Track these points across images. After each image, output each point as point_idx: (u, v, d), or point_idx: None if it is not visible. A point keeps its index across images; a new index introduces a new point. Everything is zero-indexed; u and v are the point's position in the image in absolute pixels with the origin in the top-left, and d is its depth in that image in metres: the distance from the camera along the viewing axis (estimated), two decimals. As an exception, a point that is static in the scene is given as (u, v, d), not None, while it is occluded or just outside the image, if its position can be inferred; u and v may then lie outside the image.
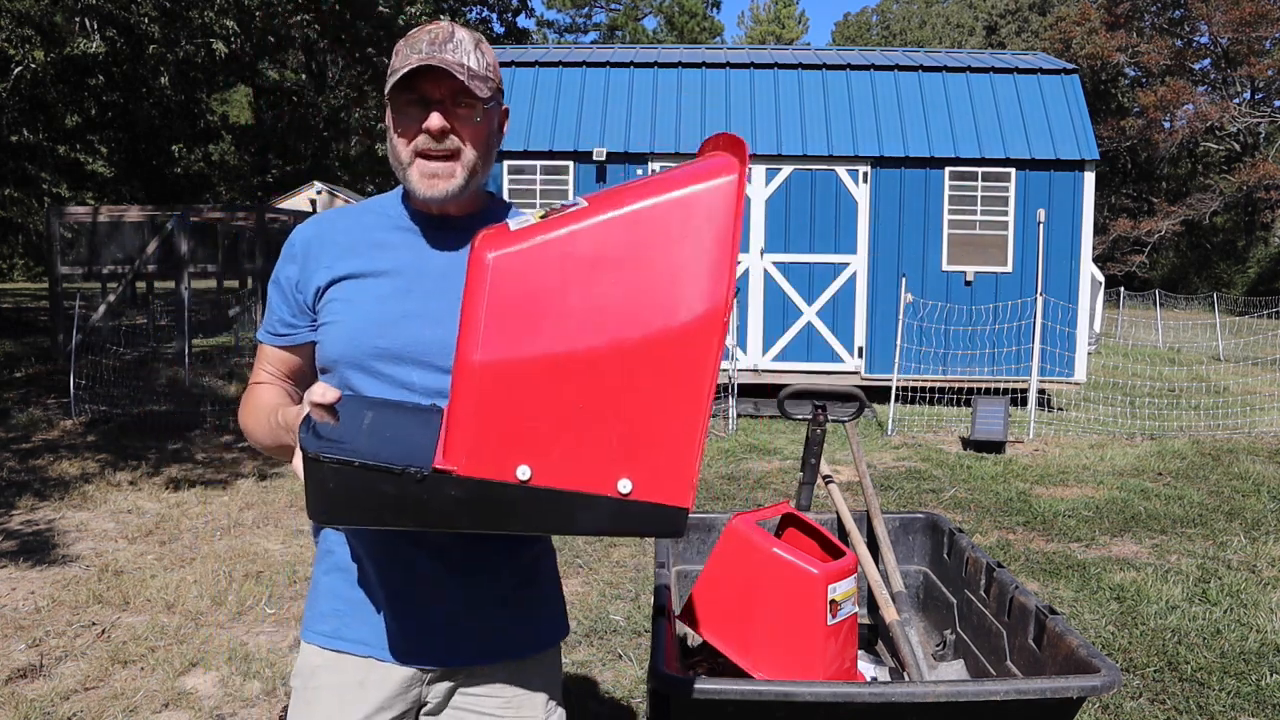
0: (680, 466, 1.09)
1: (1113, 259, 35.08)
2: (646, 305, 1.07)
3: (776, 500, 5.40)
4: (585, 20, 52.41)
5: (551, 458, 1.09)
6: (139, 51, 13.84)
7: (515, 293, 1.09)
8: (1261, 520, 6.11)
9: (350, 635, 1.52)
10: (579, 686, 3.69)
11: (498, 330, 1.08)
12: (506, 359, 1.08)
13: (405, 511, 1.11)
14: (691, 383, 1.07)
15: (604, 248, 1.09)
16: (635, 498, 1.09)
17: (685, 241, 1.08)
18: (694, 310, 1.07)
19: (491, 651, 1.54)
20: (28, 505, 6.23)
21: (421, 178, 1.44)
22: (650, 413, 1.07)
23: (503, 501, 1.10)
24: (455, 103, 1.42)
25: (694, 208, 1.08)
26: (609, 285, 1.08)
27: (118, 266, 13.96)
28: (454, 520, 1.12)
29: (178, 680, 3.71)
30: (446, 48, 1.40)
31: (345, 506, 1.12)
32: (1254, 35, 32.88)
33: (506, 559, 1.54)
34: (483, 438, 1.09)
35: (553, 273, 1.09)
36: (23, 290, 31.54)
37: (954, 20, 56.89)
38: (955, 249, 10.56)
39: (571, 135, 10.66)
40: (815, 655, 1.76)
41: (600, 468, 1.09)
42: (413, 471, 1.09)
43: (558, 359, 1.07)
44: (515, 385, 1.08)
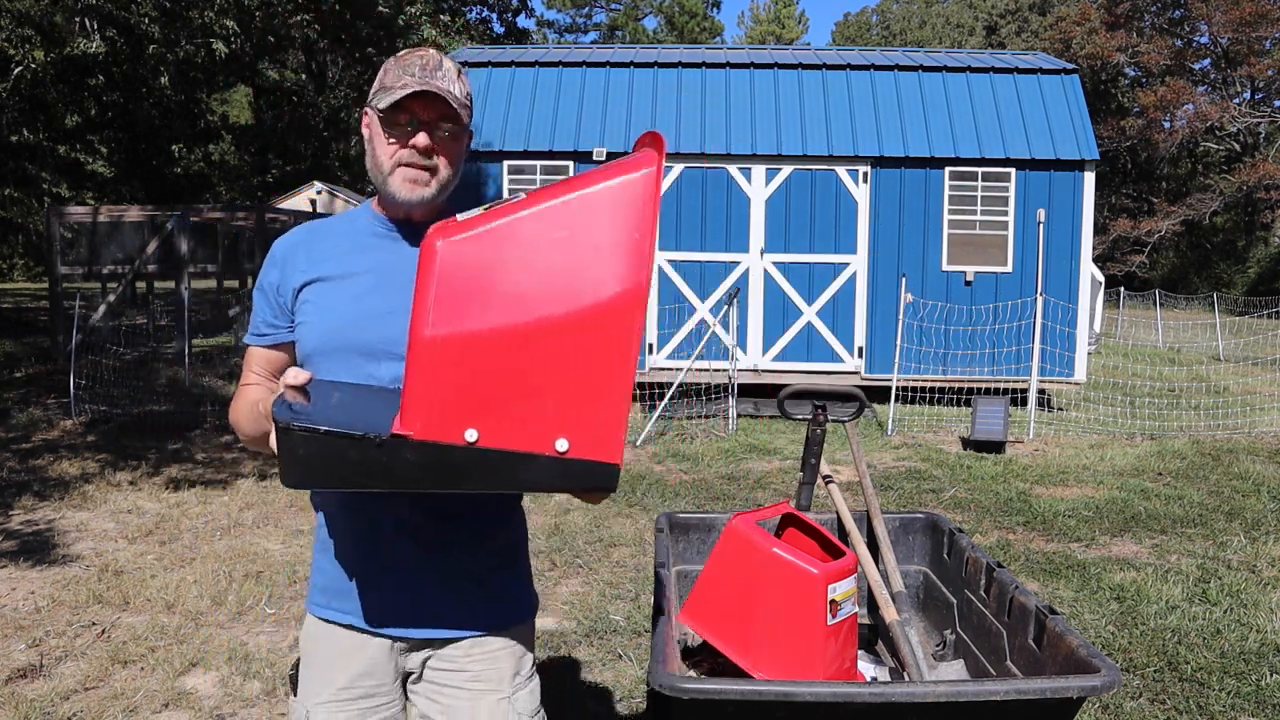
0: (610, 427, 1.22)
1: (1113, 259, 35.08)
2: (576, 284, 1.21)
3: (776, 500, 5.40)
4: (585, 20, 52.42)
5: (496, 421, 1.22)
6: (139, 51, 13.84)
7: (461, 275, 1.22)
8: (1261, 520, 6.11)
9: (336, 606, 1.69)
10: (579, 686, 3.69)
11: (446, 309, 1.21)
12: (453, 333, 1.21)
13: (369, 475, 1.23)
14: (617, 353, 1.20)
15: (538, 234, 1.23)
16: (572, 455, 1.22)
17: (608, 227, 1.21)
18: (616, 288, 1.19)
19: (459, 625, 1.68)
20: (28, 505, 6.23)
21: (404, 182, 1.62)
22: (582, 380, 1.20)
23: (455, 462, 1.23)
24: (439, 126, 1.60)
25: (616, 197, 1.22)
26: (543, 267, 1.21)
27: (118, 266, 13.96)
28: (414, 481, 1.24)
29: (178, 680, 3.71)
30: (437, 75, 1.59)
31: (314, 471, 1.24)
32: (1254, 35, 32.88)
33: (476, 537, 1.68)
34: (434, 405, 1.21)
35: (493, 256, 1.23)
36: (23, 290, 31.54)
37: (954, 20, 56.89)
38: (955, 249, 10.56)
39: (571, 135, 10.66)
40: (815, 655, 1.76)
41: (540, 429, 1.22)
42: (372, 437, 1.21)
43: (499, 333, 1.21)
44: (462, 357, 1.21)
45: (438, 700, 1.71)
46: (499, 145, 10.65)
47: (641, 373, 10.42)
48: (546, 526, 5.79)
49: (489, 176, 10.69)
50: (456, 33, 17.30)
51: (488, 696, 1.70)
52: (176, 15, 12.19)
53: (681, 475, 7.22)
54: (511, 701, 1.73)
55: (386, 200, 1.66)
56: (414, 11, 14.69)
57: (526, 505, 6.52)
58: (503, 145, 10.65)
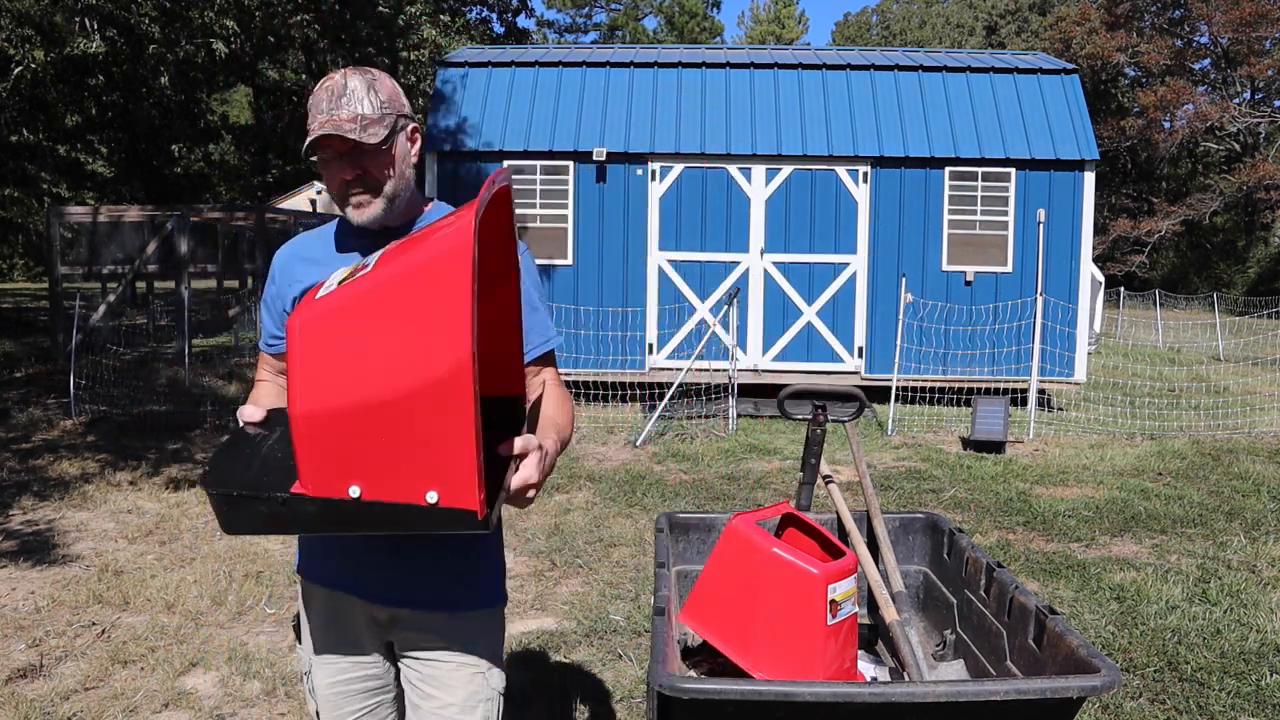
0: (465, 479, 1.33)
1: (1113, 259, 35.07)
2: (409, 357, 1.32)
3: (776, 500, 5.40)
4: (585, 20, 52.41)
5: (373, 478, 1.35)
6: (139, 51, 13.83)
7: (314, 353, 1.36)
8: (1261, 520, 6.11)
9: (315, 572, 1.88)
10: (579, 686, 3.69)
11: (309, 386, 1.35)
12: (317, 410, 1.35)
13: (284, 523, 1.42)
14: (458, 417, 1.30)
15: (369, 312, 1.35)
16: (443, 504, 1.34)
17: (428, 304, 1.32)
18: (445, 361, 1.30)
19: (430, 600, 1.80)
20: (28, 505, 6.23)
21: (352, 210, 1.75)
22: (435, 440, 1.32)
23: (346, 513, 1.37)
24: (359, 151, 1.70)
25: (434, 273, 1.32)
26: (380, 341, 1.33)
27: (118, 266, 13.96)
28: (318, 527, 1.42)
29: (178, 680, 3.71)
30: (340, 103, 1.68)
31: (241, 522, 1.45)
32: (1254, 35, 32.87)
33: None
34: (318, 468, 1.36)
35: (337, 334, 1.36)
36: (23, 290, 31.54)
37: (954, 20, 56.89)
38: (955, 249, 10.56)
39: (571, 135, 10.66)
40: (815, 655, 1.76)
41: (411, 484, 1.35)
42: (276, 497, 1.39)
43: (355, 406, 1.33)
44: (330, 427, 1.34)
45: (417, 670, 1.85)
46: (499, 145, 10.65)
47: (641, 373, 10.42)
48: (546, 526, 5.79)
49: (489, 177, 10.67)
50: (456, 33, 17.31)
51: (465, 669, 1.83)
52: (176, 15, 12.18)
53: (681, 475, 7.22)
54: (486, 677, 1.85)
55: (346, 217, 1.79)
56: (414, 11, 14.69)
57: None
58: (503, 145, 10.65)
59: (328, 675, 1.89)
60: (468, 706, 1.82)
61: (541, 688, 3.68)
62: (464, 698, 1.82)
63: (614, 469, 7.41)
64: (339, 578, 1.84)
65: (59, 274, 13.83)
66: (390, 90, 1.74)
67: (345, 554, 1.82)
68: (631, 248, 10.60)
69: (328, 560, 1.86)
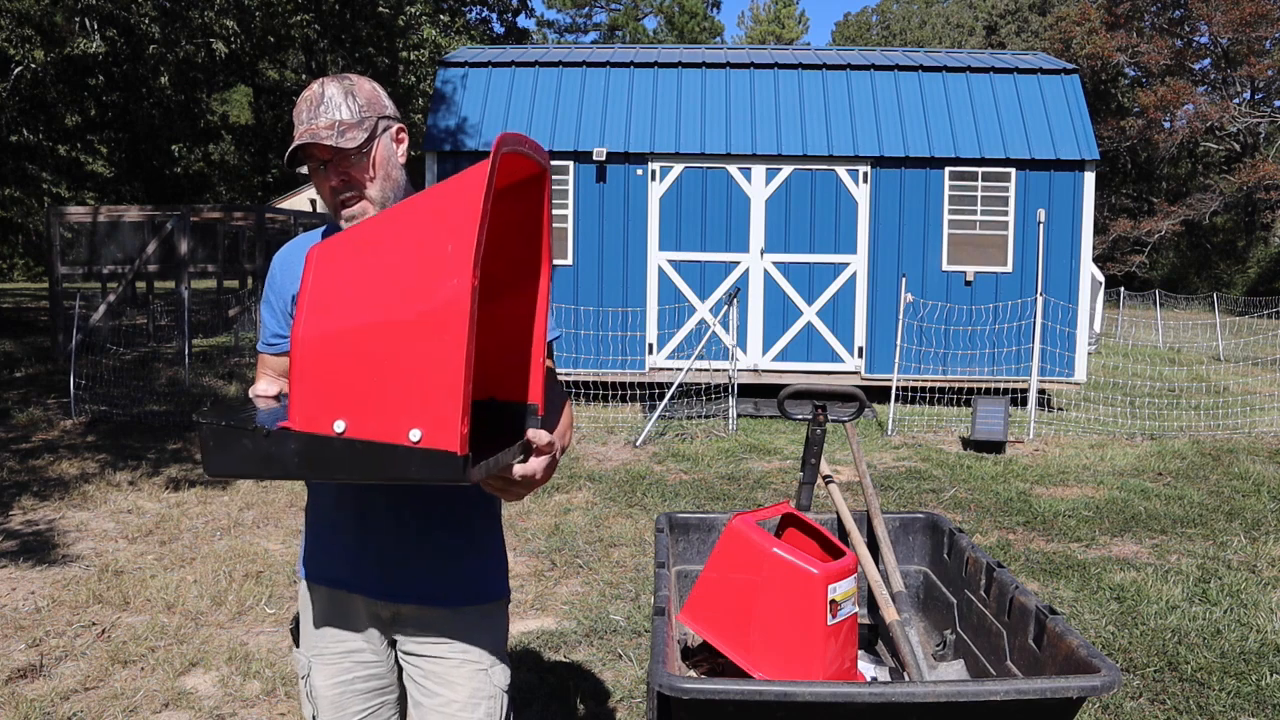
0: (449, 416, 1.31)
1: (1113, 259, 35.07)
2: (412, 285, 1.32)
3: (776, 500, 5.40)
4: (585, 20, 52.40)
5: (359, 412, 1.33)
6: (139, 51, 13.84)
7: (328, 280, 1.37)
8: (1261, 520, 6.11)
9: (318, 572, 1.88)
10: (579, 686, 3.69)
11: (315, 311, 1.35)
12: (320, 333, 1.34)
13: (263, 464, 1.38)
14: (450, 349, 1.30)
15: (384, 238, 1.36)
16: (425, 445, 1.31)
17: (436, 232, 1.33)
18: (445, 289, 1.30)
19: (432, 596, 1.80)
20: (28, 505, 6.23)
21: (344, 221, 1.76)
22: (425, 375, 1.31)
23: (329, 452, 1.34)
24: (341, 156, 1.71)
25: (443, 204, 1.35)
26: (388, 269, 1.34)
27: (118, 266, 13.96)
28: (300, 470, 1.37)
29: (178, 680, 3.71)
30: (318, 111, 1.70)
31: (222, 460, 1.40)
32: (1254, 35, 32.87)
33: (452, 517, 1.82)
34: (307, 398, 1.34)
35: (352, 261, 1.37)
36: (23, 290, 31.53)
37: (954, 20, 56.88)
38: (955, 249, 10.56)
39: (571, 135, 10.66)
40: (815, 655, 1.76)
41: (396, 420, 1.32)
42: (260, 428, 1.36)
43: (355, 330, 1.33)
44: (328, 354, 1.34)
45: (420, 666, 1.84)
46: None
47: (641, 373, 10.42)
48: (546, 526, 5.79)
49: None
50: (456, 33, 17.31)
51: (467, 666, 1.82)
52: (176, 15, 12.19)
53: (681, 475, 7.22)
54: (489, 674, 1.83)
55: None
56: (414, 11, 14.69)
57: (527, 506, 6.51)
58: (503, 145, 10.63)
59: (330, 675, 1.88)
60: (470, 704, 1.81)
61: (541, 688, 3.68)
62: (467, 695, 1.81)
63: (614, 469, 7.41)
64: (342, 575, 1.84)
65: (59, 274, 13.83)
66: (369, 94, 1.75)
67: (348, 550, 1.83)
68: (631, 248, 10.60)
69: (331, 558, 1.86)
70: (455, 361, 1.30)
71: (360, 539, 1.81)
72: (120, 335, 12.76)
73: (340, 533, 1.84)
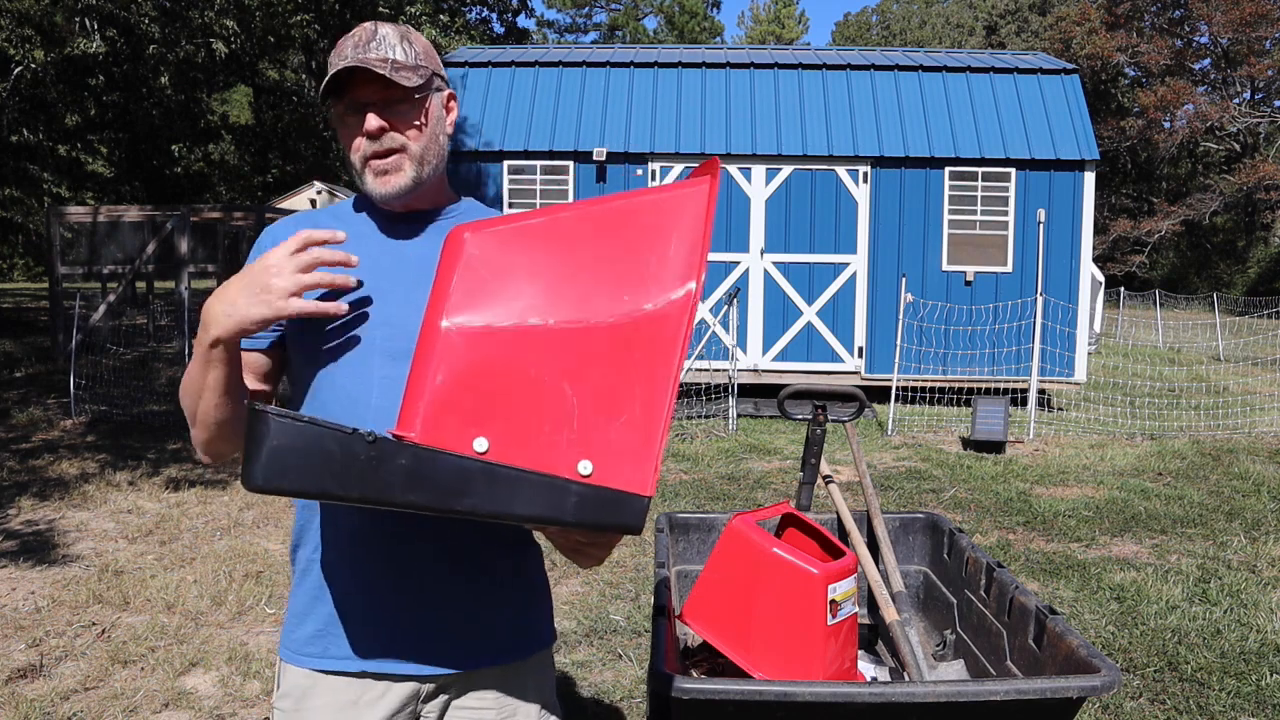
0: (643, 451, 1.07)
1: (1113, 259, 35.09)
2: (618, 290, 1.09)
3: (776, 500, 5.40)
4: (585, 20, 52.41)
5: (511, 432, 1.06)
6: (139, 51, 13.84)
7: (488, 268, 1.11)
8: (1261, 520, 6.11)
9: (338, 653, 1.46)
10: (579, 686, 3.69)
11: (466, 300, 1.09)
12: (472, 327, 1.08)
13: (350, 480, 1.05)
14: (658, 369, 1.08)
15: (581, 236, 1.12)
16: (595, 481, 1.06)
17: (660, 237, 1.11)
18: (663, 296, 1.09)
19: (483, 655, 1.49)
20: (28, 505, 6.23)
21: (374, 177, 1.45)
22: (615, 396, 1.07)
23: (456, 475, 1.06)
24: (388, 100, 1.42)
25: (670, 208, 1.13)
26: (582, 270, 1.11)
27: (118, 266, 13.96)
28: (400, 492, 1.06)
29: (178, 680, 3.71)
30: (370, 47, 1.41)
31: (286, 469, 1.05)
32: (1254, 35, 32.88)
33: (492, 559, 1.49)
34: (441, 405, 1.07)
35: (527, 255, 1.12)
36: (23, 290, 31.54)
37: (954, 20, 56.89)
38: (955, 249, 10.56)
39: (571, 135, 10.66)
40: (815, 655, 1.76)
41: (561, 447, 1.06)
42: (363, 433, 1.05)
43: (525, 332, 1.08)
44: (478, 354, 1.08)
45: None
46: (499, 145, 10.66)
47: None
48: (546, 526, 5.78)
49: (489, 176, 10.70)
50: (456, 33, 17.30)
51: None
52: (176, 15, 12.19)
53: (681, 475, 7.22)
54: None
55: (370, 196, 1.50)
56: (414, 11, 14.68)
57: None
58: (503, 145, 10.65)
59: None
60: None
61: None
62: None
63: (614, 469, 7.41)
64: (371, 654, 1.45)
65: (59, 274, 13.83)
66: (426, 46, 1.48)
67: (380, 620, 1.45)
68: (631, 248, 10.59)
69: (353, 630, 1.45)
70: (661, 382, 1.08)
71: (397, 600, 1.44)
72: (120, 335, 12.76)
73: (369, 596, 1.45)
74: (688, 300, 1.09)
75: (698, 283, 1.10)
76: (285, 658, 1.53)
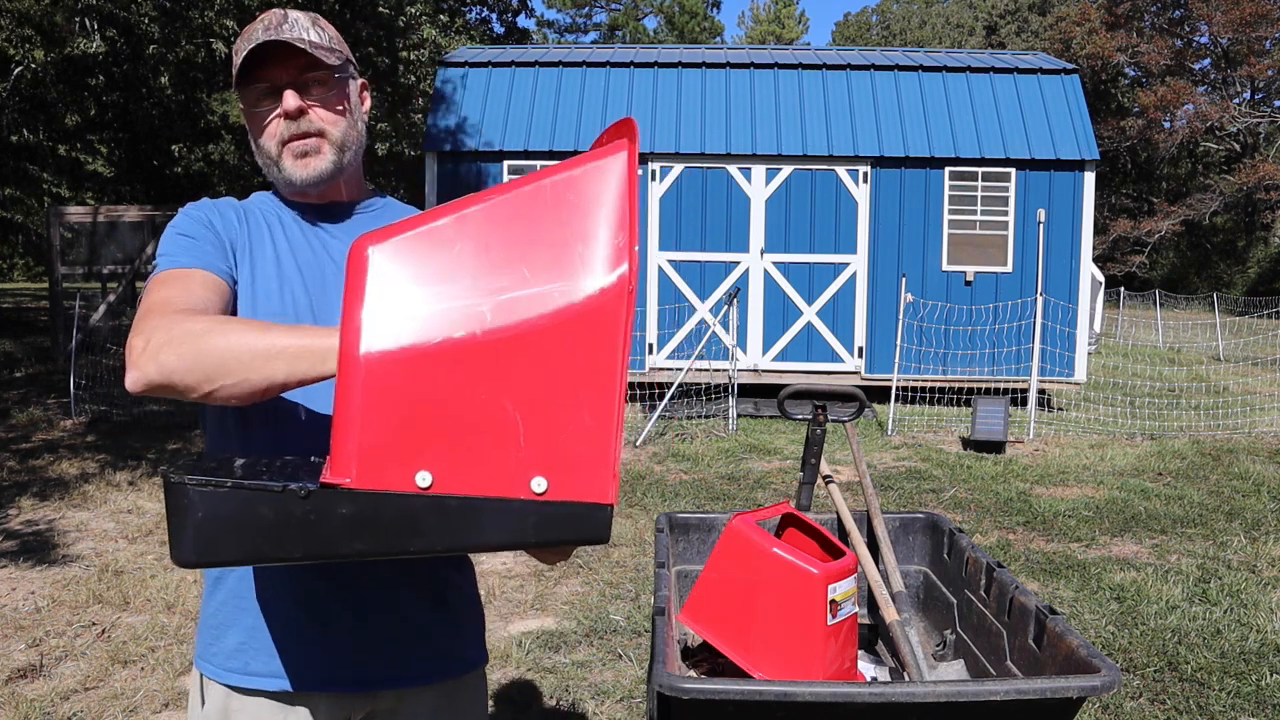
0: (597, 457, 1.00)
1: (1113, 259, 35.09)
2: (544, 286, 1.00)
3: (776, 500, 5.40)
4: (585, 20, 52.42)
5: (454, 460, 0.98)
6: (139, 51, 13.83)
7: (400, 282, 1.00)
8: (1261, 520, 6.11)
9: (260, 669, 1.37)
10: (579, 686, 3.69)
11: (382, 322, 0.98)
12: (393, 351, 0.97)
13: (290, 541, 0.97)
14: (600, 367, 0.99)
15: (493, 232, 1.02)
16: (552, 497, 0.99)
17: (576, 219, 1.02)
18: (593, 286, 0.99)
19: (415, 671, 1.43)
20: (28, 505, 6.23)
21: (294, 160, 1.37)
22: (558, 401, 0.99)
23: (403, 516, 0.97)
24: (305, 81, 1.35)
25: (586, 184, 1.03)
26: (501, 269, 1.01)
27: (117, 266, 13.97)
28: (347, 543, 0.98)
29: (178, 680, 3.71)
30: (283, 29, 1.34)
31: (217, 541, 0.97)
32: (1254, 35, 32.89)
33: (426, 572, 1.44)
34: (374, 443, 0.97)
35: (439, 261, 1.01)
36: (23, 290, 31.55)
37: (954, 20, 56.89)
38: (955, 249, 10.56)
39: (571, 135, 10.66)
40: (815, 655, 1.76)
41: (510, 467, 0.98)
42: (295, 489, 0.96)
43: (451, 348, 0.98)
44: (406, 380, 0.97)
45: None
46: (499, 145, 10.66)
47: (641, 373, 10.42)
48: (546, 526, 5.78)
49: (489, 176, 10.70)
50: (456, 33, 17.30)
51: None
52: (176, 15, 12.19)
53: (681, 475, 7.22)
54: None
55: (285, 188, 1.41)
56: (414, 11, 14.68)
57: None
58: (503, 145, 10.65)
59: None
60: None
61: (541, 688, 3.68)
62: None
63: (614, 469, 7.41)
64: (299, 670, 1.36)
65: (59, 274, 13.84)
66: (335, 34, 1.42)
67: (309, 634, 1.36)
68: (631, 248, 10.60)
69: (278, 644, 1.36)
70: (606, 380, 0.99)
71: (325, 614, 1.36)
72: (120, 335, 12.74)
73: (295, 606, 1.36)
74: (621, 287, 1.00)
75: (630, 265, 1.01)
76: (208, 673, 1.41)
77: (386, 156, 26.72)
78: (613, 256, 1.01)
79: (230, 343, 1.11)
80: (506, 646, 3.99)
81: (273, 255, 1.40)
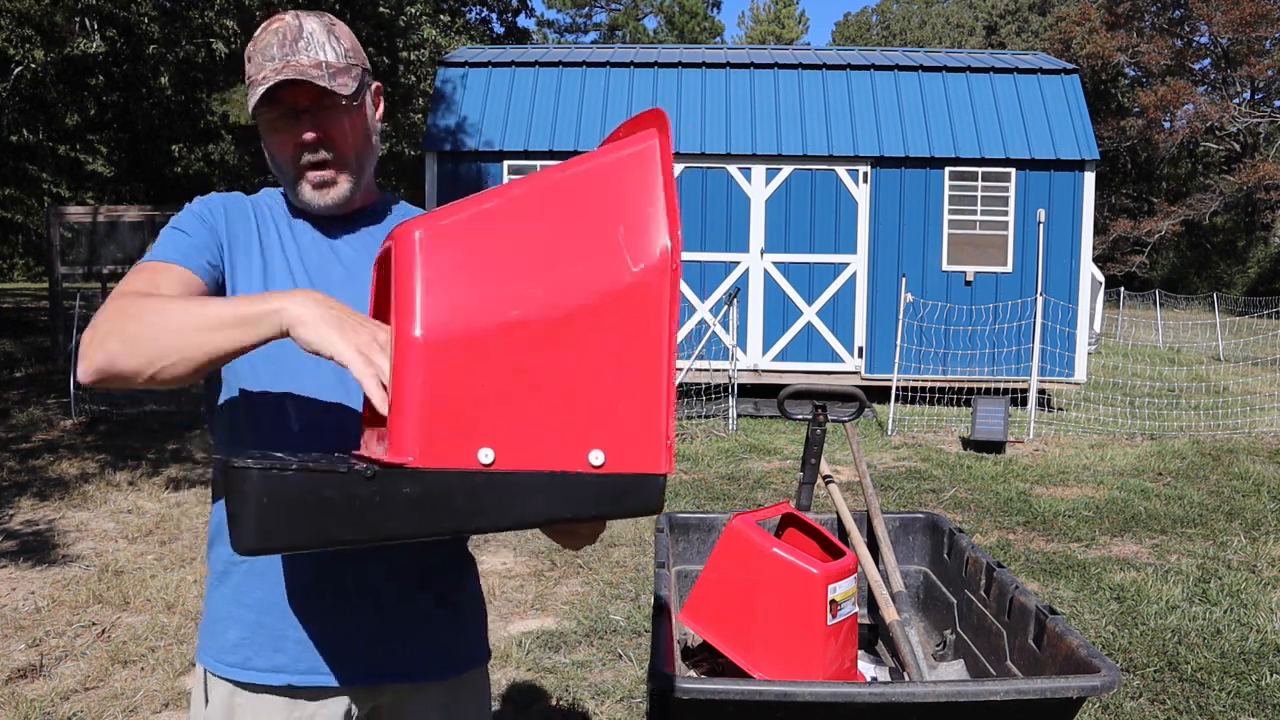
0: (651, 429, 1.03)
1: (1113, 259, 35.09)
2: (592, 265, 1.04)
3: (776, 500, 5.40)
4: (585, 20, 52.41)
5: (514, 436, 1.00)
6: (139, 51, 13.83)
7: (450, 266, 1.03)
8: (1261, 520, 6.11)
9: (262, 664, 1.37)
10: (579, 686, 3.69)
11: (436, 304, 1.01)
12: (451, 332, 1.00)
13: (352, 523, 0.98)
14: (650, 341, 1.03)
15: (539, 216, 1.06)
16: (610, 470, 1.02)
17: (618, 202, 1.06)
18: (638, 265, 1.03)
19: (421, 665, 1.43)
20: (28, 505, 6.23)
21: (313, 190, 1.38)
22: (611, 376, 1.02)
23: (465, 493, 1.00)
24: (322, 105, 1.34)
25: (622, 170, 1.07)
26: (549, 251, 1.04)
27: (117, 266, 13.97)
28: (410, 524, 0.99)
29: (178, 680, 3.71)
30: (299, 47, 1.32)
31: (280, 525, 0.97)
32: (1254, 35, 32.90)
33: (431, 567, 1.45)
34: (436, 422, 0.99)
35: (488, 243, 1.04)
36: (23, 290, 31.55)
37: (954, 20, 56.90)
38: (955, 249, 10.56)
39: (571, 135, 10.67)
40: (815, 655, 1.76)
41: (568, 441, 1.02)
42: (361, 469, 0.97)
43: (507, 327, 1.01)
44: (463, 359, 1.00)
45: None
46: (499, 145, 10.66)
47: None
48: (546, 526, 5.78)
49: (489, 176, 10.70)
50: (456, 33, 17.30)
51: None
52: (176, 15, 12.18)
53: (681, 475, 7.22)
54: None
55: (301, 206, 1.43)
56: (414, 11, 14.68)
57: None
58: (503, 145, 10.65)
59: None
60: None
61: (541, 688, 3.68)
62: None
63: (614, 469, 7.41)
64: (303, 666, 1.36)
65: (59, 274, 13.84)
66: (351, 39, 1.40)
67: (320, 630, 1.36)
68: (631, 248, 10.60)
69: (281, 638, 1.36)
70: (654, 353, 1.03)
71: (328, 610, 1.36)
72: (120, 335, 12.74)
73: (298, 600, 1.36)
74: (664, 264, 1.04)
75: (673, 241, 1.05)
76: (210, 666, 1.41)
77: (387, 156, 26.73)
78: (656, 236, 1.05)
79: (165, 321, 1.12)
80: (507, 646, 3.99)
81: (281, 257, 1.41)
